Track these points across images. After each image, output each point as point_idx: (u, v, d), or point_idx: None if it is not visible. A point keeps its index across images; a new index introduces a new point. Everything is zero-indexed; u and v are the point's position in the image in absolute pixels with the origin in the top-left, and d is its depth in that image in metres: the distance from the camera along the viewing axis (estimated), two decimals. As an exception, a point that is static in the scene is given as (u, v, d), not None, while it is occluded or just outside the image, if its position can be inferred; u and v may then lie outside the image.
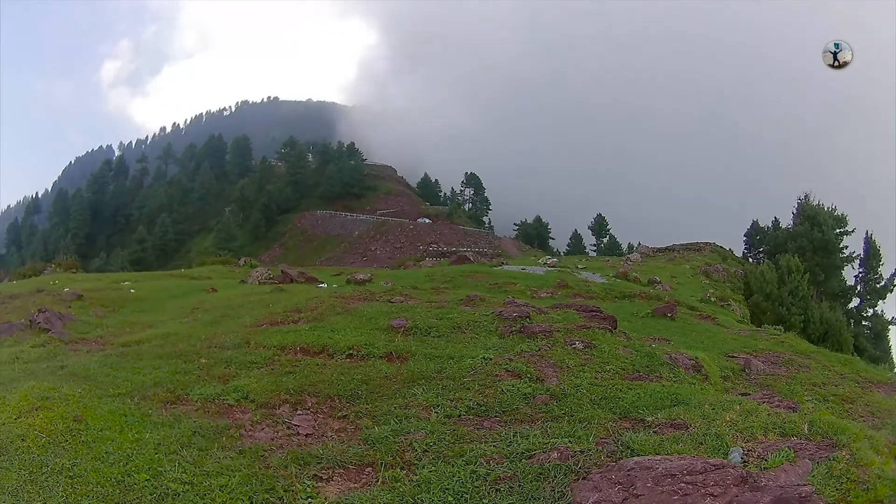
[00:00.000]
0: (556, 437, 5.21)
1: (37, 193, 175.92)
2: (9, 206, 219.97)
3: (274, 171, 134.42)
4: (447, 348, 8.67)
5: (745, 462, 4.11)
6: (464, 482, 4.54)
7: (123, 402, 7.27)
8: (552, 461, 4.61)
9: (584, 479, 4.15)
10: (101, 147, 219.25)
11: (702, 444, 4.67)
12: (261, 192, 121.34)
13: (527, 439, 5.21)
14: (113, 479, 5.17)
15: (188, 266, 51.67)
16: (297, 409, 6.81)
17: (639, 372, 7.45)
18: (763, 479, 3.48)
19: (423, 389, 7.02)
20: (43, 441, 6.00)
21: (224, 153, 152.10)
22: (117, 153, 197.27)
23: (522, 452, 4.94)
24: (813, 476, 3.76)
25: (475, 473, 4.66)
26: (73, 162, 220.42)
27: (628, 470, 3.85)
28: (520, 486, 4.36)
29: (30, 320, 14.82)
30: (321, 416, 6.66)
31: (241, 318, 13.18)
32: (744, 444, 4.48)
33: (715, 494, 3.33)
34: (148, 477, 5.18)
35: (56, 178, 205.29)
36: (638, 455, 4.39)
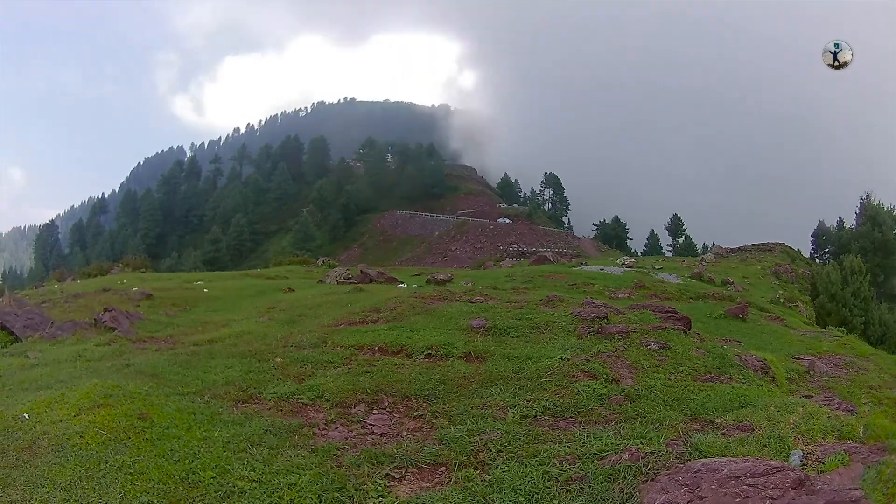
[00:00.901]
0: (628, 438, 5.60)
1: (103, 194, 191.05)
2: (72, 207, 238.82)
3: (353, 172, 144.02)
4: (526, 348, 9.28)
5: (803, 465, 4.51)
6: (535, 482, 4.89)
7: (192, 400, 7.84)
8: (623, 462, 4.95)
9: (652, 480, 4.53)
10: (171, 148, 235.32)
11: (766, 446, 5.05)
12: (340, 193, 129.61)
13: (600, 440, 5.61)
14: (176, 477, 5.51)
15: (264, 266, 54.10)
16: (372, 409, 7.30)
17: (710, 373, 8.07)
18: (818, 483, 3.81)
19: (501, 390, 7.52)
20: (103, 438, 6.43)
21: (301, 154, 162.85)
22: (189, 154, 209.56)
23: (595, 453, 5.32)
24: (864, 480, 4.06)
25: (547, 474, 5.03)
26: (141, 163, 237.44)
27: (695, 472, 4.21)
28: (590, 486, 4.71)
29: (94, 319, 15.83)
30: (397, 415, 7.11)
31: (319, 317, 14.01)
32: (804, 447, 4.90)
33: (774, 497, 3.68)
34: (214, 474, 5.51)
35: (124, 179, 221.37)
36: (705, 457, 4.77)
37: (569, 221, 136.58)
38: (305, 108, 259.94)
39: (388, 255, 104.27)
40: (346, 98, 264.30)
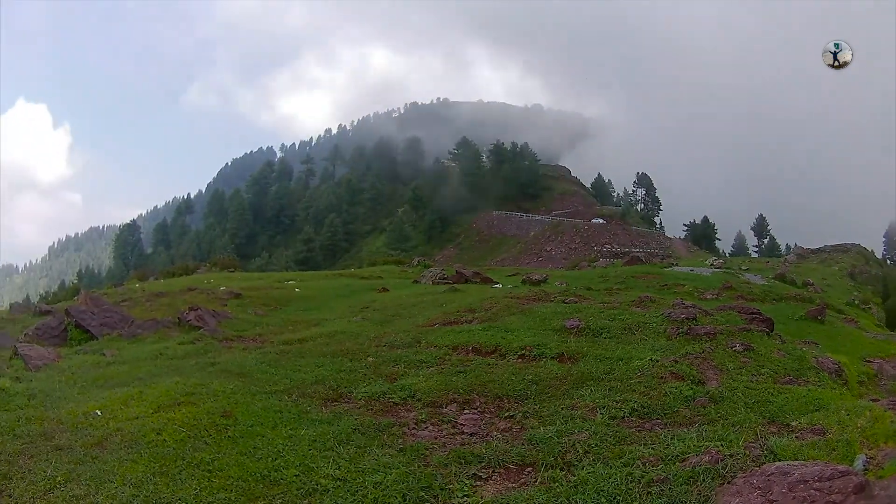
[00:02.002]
0: (709, 441, 5.82)
1: (188, 194, 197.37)
2: (156, 207, 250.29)
3: (447, 172, 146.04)
4: (617, 349, 9.68)
5: (866, 469, 4.68)
6: (618, 484, 5.07)
7: (280, 398, 8.16)
8: (703, 464, 5.17)
9: (729, 483, 4.76)
10: (259, 149, 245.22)
11: (834, 449, 5.27)
12: (435, 193, 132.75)
13: (682, 442, 5.85)
14: (257, 474, 5.66)
15: (358, 266, 55.34)
16: (464, 409, 7.66)
17: (789, 375, 8.41)
18: (876, 488, 3.96)
19: (591, 390, 7.83)
20: (182, 435, 6.67)
21: (394, 154, 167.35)
22: (279, 155, 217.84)
23: (677, 455, 5.53)
24: (919, 487, 4.22)
25: (630, 475, 5.20)
26: (229, 164, 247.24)
27: (768, 475, 4.42)
28: (670, 489, 4.89)
29: (178, 318, 16.43)
30: (488, 415, 7.43)
31: (413, 317, 14.50)
32: (867, 451, 5.09)
33: (835, 502, 3.88)
34: (297, 472, 5.66)
35: (210, 180, 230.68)
36: (780, 460, 4.99)
37: (660, 222, 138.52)
38: (398, 108, 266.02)
39: (484, 255, 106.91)
40: (438, 98, 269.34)
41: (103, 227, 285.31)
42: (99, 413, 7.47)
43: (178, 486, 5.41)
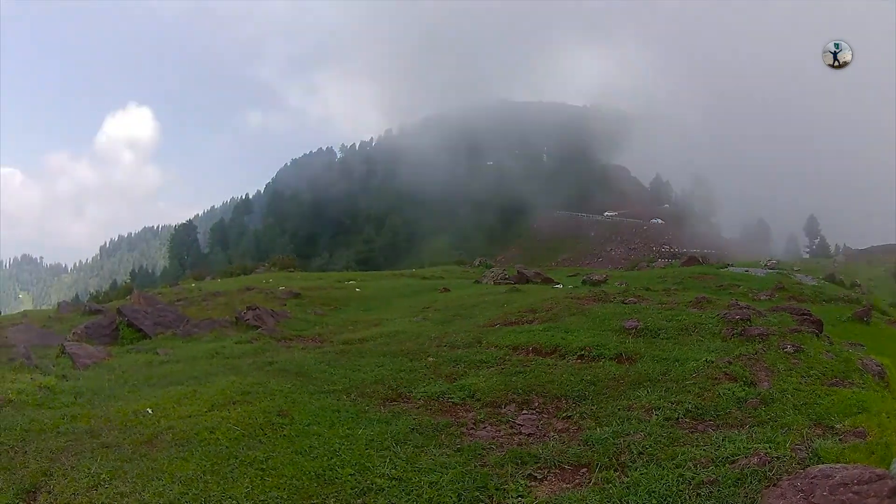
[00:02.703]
0: (758, 443, 5.90)
1: (247, 194, 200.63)
2: (213, 207, 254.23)
3: (510, 172, 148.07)
4: (674, 350, 9.83)
5: None
6: (669, 485, 5.20)
7: (338, 398, 8.32)
8: (752, 466, 5.26)
9: (774, 485, 4.86)
10: (319, 149, 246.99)
11: (873, 452, 5.44)
12: (496, 193, 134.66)
13: (733, 444, 5.93)
14: (312, 473, 5.74)
15: (419, 266, 55.73)
16: (522, 409, 7.80)
17: (836, 377, 8.44)
18: None
19: (648, 391, 7.97)
20: (236, 434, 6.79)
21: (457, 154, 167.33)
22: (339, 155, 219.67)
23: (727, 457, 5.62)
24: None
25: (682, 477, 5.33)
26: (288, 164, 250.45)
27: (812, 478, 4.57)
28: (718, 490, 5.01)
29: (236, 317, 16.69)
30: (546, 415, 7.56)
31: (474, 317, 14.66)
32: None
33: None
34: (352, 472, 5.74)
35: (269, 180, 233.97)
36: (823, 462, 5.09)
37: (717, 222, 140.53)
38: (459, 108, 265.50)
39: (546, 255, 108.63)
40: (499, 98, 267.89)
41: (158, 226, 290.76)
42: (150, 411, 7.61)
43: (230, 485, 5.48)
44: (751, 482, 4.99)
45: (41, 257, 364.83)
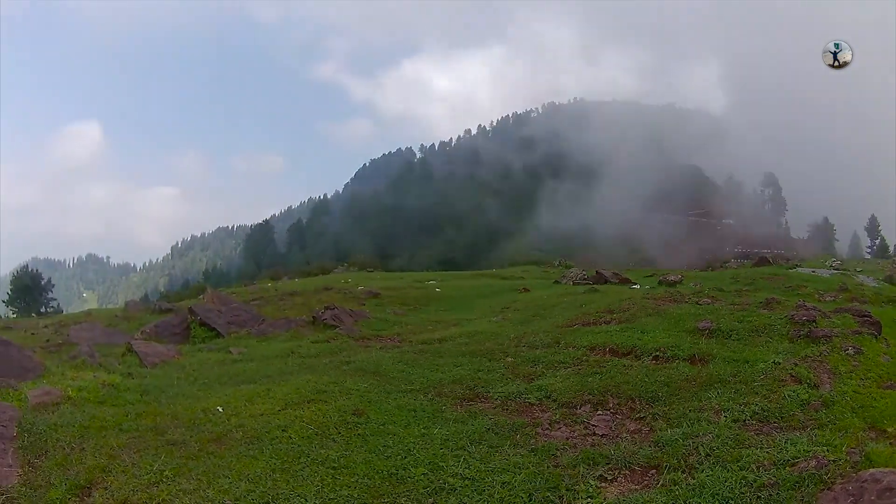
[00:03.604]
0: (817, 446, 5.94)
1: (325, 195, 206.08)
2: (290, 207, 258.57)
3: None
4: (744, 351, 9.89)
5: None
6: (732, 487, 5.28)
7: (415, 397, 8.46)
8: (809, 470, 5.32)
9: (829, 489, 4.95)
10: (398, 150, 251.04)
11: None
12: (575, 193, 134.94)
13: (794, 446, 5.97)
14: (385, 472, 5.82)
15: (500, 266, 55.90)
16: (597, 410, 7.92)
17: (892, 380, 8.44)
18: None
19: (718, 393, 8.03)
20: (309, 433, 6.90)
21: (535, 154, 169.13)
22: (419, 156, 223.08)
23: (788, 460, 5.68)
24: None
25: (745, 479, 5.39)
26: (367, 164, 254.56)
27: (862, 482, 4.68)
28: (777, 493, 5.09)
29: (313, 317, 16.89)
30: (620, 416, 7.68)
31: (553, 317, 14.72)
32: None
33: None
34: (426, 471, 5.83)
35: (348, 181, 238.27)
36: (874, 466, 5.11)
37: (786, 222, 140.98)
38: (536, 108, 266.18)
39: (624, 255, 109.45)
40: (575, 98, 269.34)
41: (233, 227, 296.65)
42: (220, 409, 7.75)
43: (299, 483, 5.54)
44: (808, 485, 5.08)
45: (108, 257, 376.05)
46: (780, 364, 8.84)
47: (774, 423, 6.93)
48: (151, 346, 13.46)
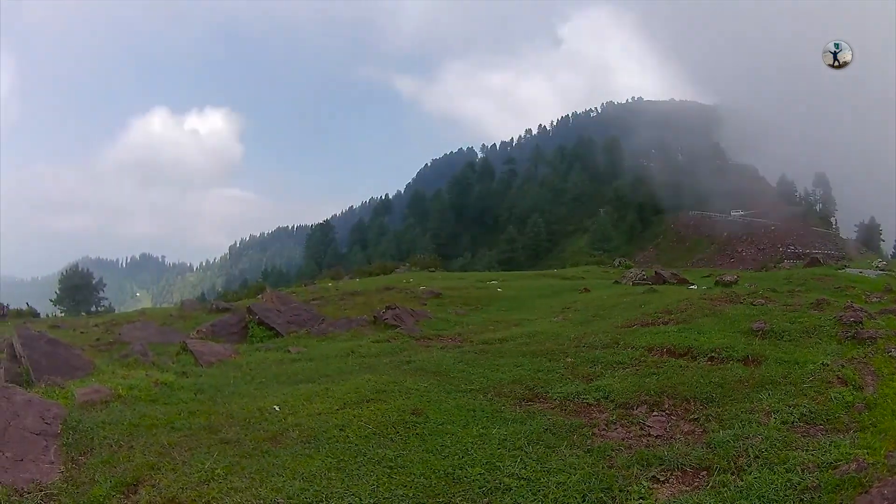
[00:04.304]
0: (858, 448, 5.93)
1: (387, 195, 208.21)
2: (351, 207, 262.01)
3: (646, 172, 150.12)
4: (795, 352, 9.87)
5: None
6: (778, 490, 5.32)
7: (474, 397, 8.50)
8: (850, 473, 5.29)
9: (866, 492, 4.94)
10: (460, 150, 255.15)
11: None
12: (635, 193, 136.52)
13: (837, 449, 5.98)
14: (441, 472, 5.87)
15: (561, 266, 56.01)
16: (653, 411, 7.95)
17: None
18: None
19: (769, 394, 8.00)
20: (367, 432, 6.97)
21: (595, 154, 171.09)
22: (480, 155, 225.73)
23: (831, 462, 5.70)
24: None
25: (790, 482, 5.43)
26: (428, 164, 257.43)
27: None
28: (819, 496, 5.13)
29: (374, 316, 17.00)
30: (675, 417, 7.71)
31: (613, 318, 14.76)
32: None
33: None
34: (482, 471, 5.85)
35: (410, 181, 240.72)
36: None
37: (836, 222, 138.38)
38: (595, 108, 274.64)
39: (682, 255, 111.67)
40: (633, 98, 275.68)
41: (293, 226, 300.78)
42: (277, 409, 7.85)
43: (354, 482, 5.59)
44: (847, 489, 5.07)
45: (163, 256, 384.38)
46: (827, 366, 8.88)
47: (820, 425, 6.96)
48: (207, 344, 13.69)
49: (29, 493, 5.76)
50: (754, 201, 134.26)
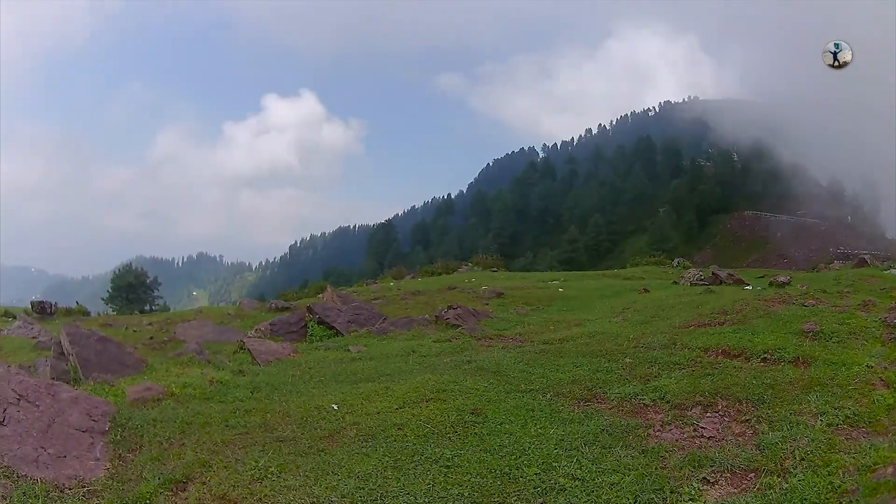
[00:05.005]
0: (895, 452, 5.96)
1: (449, 195, 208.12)
2: (413, 207, 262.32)
3: (703, 171, 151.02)
4: (842, 354, 9.74)
5: None
6: (819, 493, 5.36)
7: (533, 397, 8.51)
8: (886, 477, 5.35)
9: None
10: (521, 149, 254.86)
11: None
12: (692, 193, 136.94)
13: (876, 452, 6.02)
14: (497, 471, 5.91)
15: (621, 266, 55.80)
16: (707, 412, 7.94)
17: None
18: None
19: (817, 396, 7.92)
20: (425, 431, 7.03)
21: (654, 153, 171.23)
22: (541, 155, 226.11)
23: (869, 465, 5.74)
24: None
25: (831, 484, 5.47)
26: (490, 164, 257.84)
27: None
28: (856, 500, 5.16)
29: (436, 316, 16.98)
30: (727, 419, 7.67)
31: (671, 318, 14.66)
32: None
33: None
34: (538, 471, 5.91)
35: (472, 181, 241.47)
36: None
37: (882, 222, 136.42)
38: (654, 107, 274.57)
39: (738, 256, 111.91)
40: (689, 97, 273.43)
41: (355, 226, 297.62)
42: (335, 407, 7.92)
43: (409, 481, 5.64)
44: (883, 492, 5.10)
45: (221, 255, 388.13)
46: (872, 367, 8.83)
47: (863, 427, 6.93)
48: (265, 343, 13.80)
49: (70, 490, 5.78)
50: (804, 201, 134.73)
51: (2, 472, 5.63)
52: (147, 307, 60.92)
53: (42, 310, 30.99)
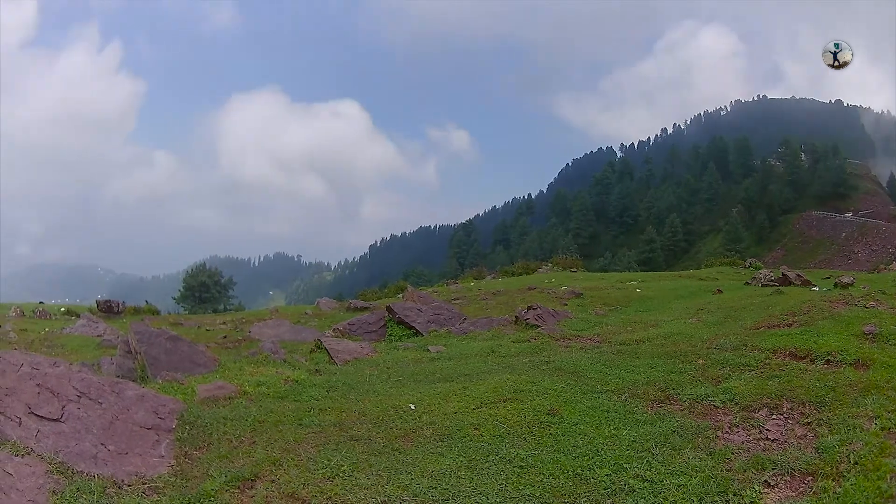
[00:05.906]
0: None
1: (529, 195, 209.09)
2: (494, 207, 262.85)
3: (774, 171, 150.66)
4: None
5: None
6: (868, 498, 5.31)
7: (609, 398, 8.50)
8: None
9: None
10: (599, 149, 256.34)
11: None
12: (763, 193, 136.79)
13: None
14: (569, 472, 5.95)
15: (696, 267, 55.06)
16: (773, 414, 7.87)
17: None
18: None
19: (874, 399, 7.78)
20: (501, 431, 7.10)
21: (726, 153, 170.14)
22: (619, 155, 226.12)
23: None
24: None
25: (879, 489, 5.40)
26: (569, 164, 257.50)
27: None
28: None
29: (515, 316, 16.97)
30: (791, 421, 7.60)
31: (743, 319, 14.48)
32: None
33: None
34: (609, 472, 5.94)
35: (552, 181, 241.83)
36: None
37: None
38: (725, 106, 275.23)
39: (806, 256, 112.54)
40: (759, 96, 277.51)
41: (435, 226, 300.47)
42: (413, 407, 8.01)
43: (482, 481, 5.70)
44: None
45: (299, 255, 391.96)
46: None
47: None
48: (343, 342, 13.88)
49: (129, 486, 5.70)
50: (868, 201, 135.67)
51: (56, 468, 5.59)
52: (221, 307, 61.08)
53: (108, 308, 31.74)
